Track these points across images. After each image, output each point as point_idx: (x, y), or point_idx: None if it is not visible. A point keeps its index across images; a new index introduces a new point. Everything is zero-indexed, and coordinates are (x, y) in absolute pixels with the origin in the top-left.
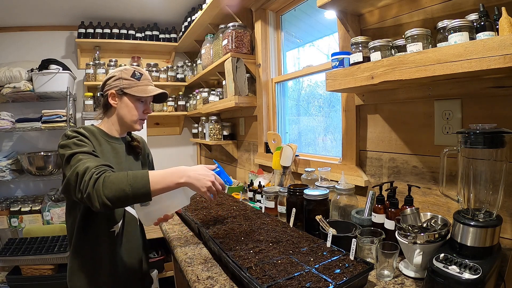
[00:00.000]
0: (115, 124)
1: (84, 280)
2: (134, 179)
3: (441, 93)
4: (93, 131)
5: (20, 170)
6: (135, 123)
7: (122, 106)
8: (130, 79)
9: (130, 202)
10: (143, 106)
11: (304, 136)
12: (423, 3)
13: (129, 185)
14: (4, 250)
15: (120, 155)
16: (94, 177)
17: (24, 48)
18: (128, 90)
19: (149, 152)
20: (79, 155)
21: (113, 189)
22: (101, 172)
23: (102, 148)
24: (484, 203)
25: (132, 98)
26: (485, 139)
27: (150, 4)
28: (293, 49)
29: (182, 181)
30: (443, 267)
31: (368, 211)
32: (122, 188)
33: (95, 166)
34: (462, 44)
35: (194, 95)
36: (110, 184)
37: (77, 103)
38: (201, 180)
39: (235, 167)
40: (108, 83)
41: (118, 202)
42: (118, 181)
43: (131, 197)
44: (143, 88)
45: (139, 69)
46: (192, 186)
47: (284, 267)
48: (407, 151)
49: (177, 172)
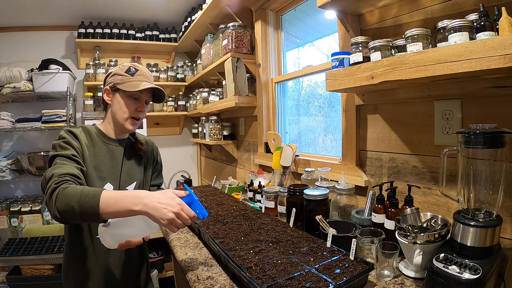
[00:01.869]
0: (110, 123)
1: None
2: (85, 197)
3: (441, 93)
4: (90, 131)
5: (20, 170)
6: (126, 120)
7: (114, 103)
8: (123, 74)
9: (80, 220)
10: (136, 103)
11: (304, 136)
12: (423, 3)
13: (77, 202)
14: (4, 250)
15: (116, 158)
16: (52, 186)
17: (24, 48)
18: (120, 86)
19: (158, 158)
20: (57, 159)
21: (63, 203)
22: (61, 182)
23: (96, 150)
24: (484, 203)
25: (123, 94)
26: (485, 139)
27: (150, 4)
28: (293, 49)
29: (136, 209)
30: (443, 267)
31: (368, 211)
32: (71, 205)
33: (59, 174)
34: (462, 44)
35: (194, 95)
36: (62, 197)
37: (77, 103)
38: (160, 210)
39: (235, 167)
40: (106, 80)
41: (67, 217)
42: (70, 196)
43: (79, 215)
44: (134, 84)
45: (136, 65)
46: (150, 216)
47: (284, 267)
48: (407, 151)
49: (132, 198)
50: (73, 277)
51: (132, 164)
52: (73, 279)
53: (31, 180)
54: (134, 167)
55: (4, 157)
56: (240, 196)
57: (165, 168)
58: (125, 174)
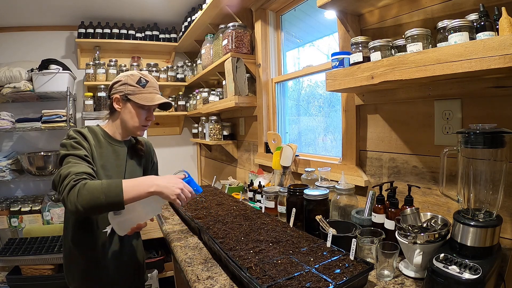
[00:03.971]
0: (118, 127)
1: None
2: (108, 188)
3: (441, 93)
4: (96, 132)
5: (20, 170)
6: (137, 129)
7: (125, 112)
8: (135, 85)
9: (104, 210)
10: (146, 113)
11: (304, 136)
12: (423, 3)
13: (103, 193)
14: (4, 250)
15: (121, 158)
16: (71, 183)
17: (24, 48)
18: (132, 97)
19: (154, 159)
20: (70, 158)
21: (87, 197)
22: (79, 180)
23: (103, 150)
24: (484, 203)
25: (135, 105)
26: (485, 139)
27: (150, 4)
28: (293, 49)
29: (152, 190)
30: (443, 267)
31: (368, 211)
32: (97, 196)
33: (76, 173)
34: (462, 44)
35: (194, 95)
36: (85, 191)
37: (77, 103)
38: (170, 188)
39: (235, 167)
40: (114, 87)
41: (90, 210)
42: (93, 189)
43: (105, 205)
44: (147, 96)
45: (146, 76)
46: (161, 194)
47: (284, 267)
48: (407, 151)
49: (147, 181)
50: (76, 267)
51: (134, 164)
52: (76, 269)
53: (31, 180)
54: (135, 166)
55: (4, 157)
56: (240, 196)
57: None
58: (128, 173)
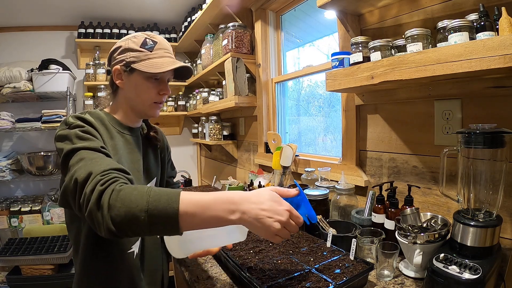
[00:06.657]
0: (124, 109)
1: None
2: (156, 203)
3: (441, 93)
4: (102, 118)
5: (20, 170)
6: (149, 109)
7: (130, 87)
8: (139, 49)
9: (145, 233)
10: (159, 85)
11: (304, 136)
12: (423, 3)
13: (144, 210)
14: (4, 250)
15: (135, 152)
16: (98, 188)
17: (24, 48)
18: (136, 65)
19: (169, 146)
20: (81, 153)
21: (122, 211)
22: (108, 182)
23: (115, 142)
24: (484, 203)
25: (142, 75)
26: (485, 139)
27: (150, 4)
28: (293, 49)
29: (233, 218)
30: (443, 267)
31: (368, 211)
32: (134, 213)
33: (101, 172)
34: (462, 44)
35: (194, 95)
36: (120, 202)
37: (77, 103)
38: (264, 220)
39: (235, 167)
40: (113, 57)
41: (127, 230)
42: (132, 201)
43: (146, 227)
44: (156, 62)
45: (154, 36)
46: (249, 227)
47: (284, 267)
48: (407, 151)
49: (225, 203)
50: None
51: (151, 159)
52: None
53: (31, 180)
54: (151, 160)
55: (4, 157)
56: None
57: None
58: (145, 171)
